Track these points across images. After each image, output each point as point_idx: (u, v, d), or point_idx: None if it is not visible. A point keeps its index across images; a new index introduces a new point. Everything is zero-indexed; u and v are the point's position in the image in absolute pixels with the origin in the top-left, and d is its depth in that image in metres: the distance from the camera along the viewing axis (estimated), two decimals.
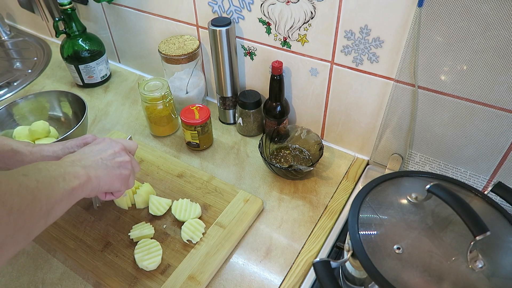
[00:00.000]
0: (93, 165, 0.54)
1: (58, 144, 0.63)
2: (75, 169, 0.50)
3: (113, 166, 0.57)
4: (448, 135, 0.68)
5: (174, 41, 0.88)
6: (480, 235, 0.43)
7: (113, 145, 0.60)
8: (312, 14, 0.69)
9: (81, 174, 0.50)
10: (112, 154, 0.58)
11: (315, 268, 0.48)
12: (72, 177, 0.49)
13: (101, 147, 0.59)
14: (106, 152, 0.58)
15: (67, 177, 0.48)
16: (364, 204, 0.52)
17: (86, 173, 0.51)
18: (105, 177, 0.55)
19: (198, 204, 0.71)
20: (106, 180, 0.55)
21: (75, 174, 0.49)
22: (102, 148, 0.59)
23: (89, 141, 0.64)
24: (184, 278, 0.61)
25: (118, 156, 0.59)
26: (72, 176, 0.49)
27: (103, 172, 0.55)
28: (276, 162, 0.80)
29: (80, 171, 0.51)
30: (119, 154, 0.59)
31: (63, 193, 0.47)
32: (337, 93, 0.77)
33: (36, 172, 0.45)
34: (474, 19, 0.54)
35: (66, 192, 0.47)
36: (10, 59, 1.24)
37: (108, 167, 0.56)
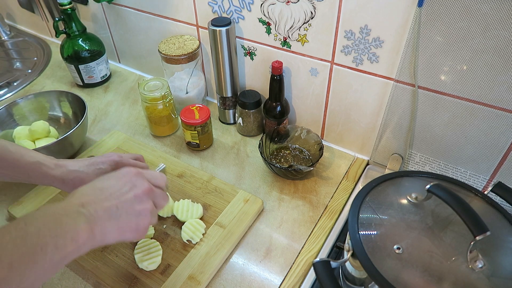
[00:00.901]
0: (104, 215, 0.45)
1: (84, 160, 0.60)
2: (76, 226, 0.42)
3: (128, 216, 0.47)
4: (448, 135, 0.68)
5: (174, 41, 0.88)
6: (480, 235, 0.43)
7: (137, 185, 0.50)
8: (312, 14, 0.69)
9: (82, 232, 0.42)
10: (132, 199, 0.48)
11: (315, 268, 0.48)
12: (69, 239, 0.41)
13: (121, 186, 0.49)
14: (126, 195, 0.48)
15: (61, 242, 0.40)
16: (364, 204, 0.52)
17: (89, 229, 0.43)
18: (115, 231, 0.46)
19: (199, 204, 0.71)
20: (115, 234, 0.46)
21: (73, 235, 0.41)
22: (123, 188, 0.49)
23: (115, 158, 0.60)
24: (184, 278, 0.61)
25: (138, 202, 0.49)
26: (68, 238, 0.41)
27: (113, 225, 0.46)
28: (276, 162, 0.80)
29: (83, 228, 0.42)
30: (140, 200, 0.49)
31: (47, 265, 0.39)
32: (337, 93, 0.77)
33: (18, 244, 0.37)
34: (474, 19, 0.54)
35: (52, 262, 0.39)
36: (10, 59, 1.24)
37: (122, 217, 0.47)
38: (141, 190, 0.50)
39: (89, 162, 0.60)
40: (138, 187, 0.50)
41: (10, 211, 0.72)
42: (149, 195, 0.51)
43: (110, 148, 0.84)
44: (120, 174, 0.51)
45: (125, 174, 0.51)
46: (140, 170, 0.53)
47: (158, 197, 0.53)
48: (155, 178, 0.54)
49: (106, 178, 0.51)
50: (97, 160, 0.60)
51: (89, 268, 0.63)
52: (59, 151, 0.78)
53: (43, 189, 0.75)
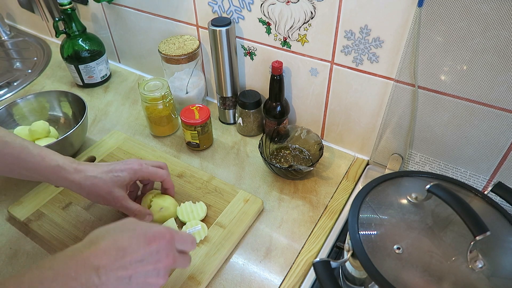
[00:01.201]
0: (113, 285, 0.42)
1: (103, 166, 0.60)
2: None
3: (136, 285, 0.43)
4: (448, 135, 0.68)
5: (174, 41, 0.88)
6: (480, 235, 0.43)
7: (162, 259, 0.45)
8: (312, 14, 0.69)
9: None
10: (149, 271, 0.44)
11: (315, 268, 0.48)
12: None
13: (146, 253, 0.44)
14: (146, 266, 0.44)
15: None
16: (364, 204, 0.52)
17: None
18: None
19: (202, 202, 0.70)
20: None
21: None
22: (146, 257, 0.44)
23: (135, 167, 0.61)
24: (184, 278, 0.61)
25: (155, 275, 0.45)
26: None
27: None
28: (276, 162, 0.80)
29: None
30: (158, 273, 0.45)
31: None
32: (337, 93, 0.77)
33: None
34: (474, 19, 0.54)
35: None
36: (10, 59, 1.24)
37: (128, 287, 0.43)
38: (163, 265, 0.45)
39: (108, 168, 0.60)
40: (162, 261, 0.45)
41: (10, 211, 0.72)
42: (169, 268, 0.47)
43: (110, 148, 0.84)
44: (151, 235, 0.45)
45: (157, 238, 0.45)
46: (174, 234, 0.48)
47: (179, 264, 0.49)
48: (185, 244, 0.50)
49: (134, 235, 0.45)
50: (116, 168, 0.61)
51: None
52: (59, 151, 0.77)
53: (43, 189, 0.75)
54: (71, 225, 0.69)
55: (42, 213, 0.71)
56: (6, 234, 0.70)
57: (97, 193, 0.60)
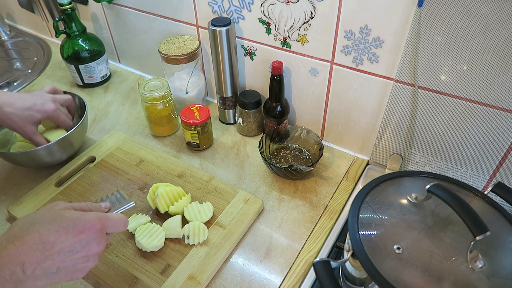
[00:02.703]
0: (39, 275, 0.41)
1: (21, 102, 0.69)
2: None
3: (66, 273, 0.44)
4: (448, 135, 0.68)
5: (174, 41, 0.88)
6: (480, 235, 0.43)
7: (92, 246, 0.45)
8: (312, 14, 0.69)
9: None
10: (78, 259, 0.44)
11: (315, 268, 0.48)
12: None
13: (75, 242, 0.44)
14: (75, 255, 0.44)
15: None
16: (364, 204, 0.52)
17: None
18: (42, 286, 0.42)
19: (209, 202, 0.71)
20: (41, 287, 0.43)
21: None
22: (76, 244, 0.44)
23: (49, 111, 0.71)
24: (184, 278, 0.61)
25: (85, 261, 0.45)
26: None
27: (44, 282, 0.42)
28: (276, 162, 0.80)
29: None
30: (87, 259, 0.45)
31: None
32: (337, 93, 0.77)
33: None
34: (474, 19, 0.54)
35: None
36: (10, 59, 1.24)
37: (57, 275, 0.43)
38: (93, 252, 0.46)
39: (25, 106, 0.69)
40: (92, 248, 0.45)
41: (10, 211, 0.72)
42: (99, 252, 0.47)
43: (110, 148, 0.84)
44: (81, 226, 0.45)
45: (87, 228, 0.45)
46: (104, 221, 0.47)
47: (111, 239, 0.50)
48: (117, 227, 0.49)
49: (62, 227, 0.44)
50: (33, 108, 0.70)
51: None
52: (59, 151, 0.77)
53: (43, 189, 0.75)
54: None
55: None
56: None
57: (11, 125, 0.70)
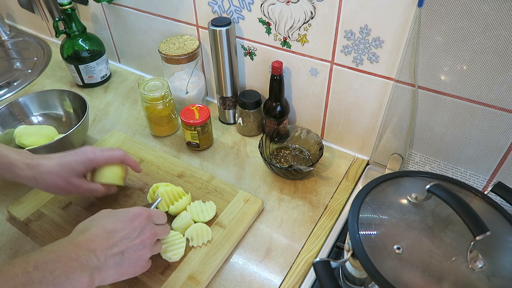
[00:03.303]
0: (110, 263, 0.48)
1: (57, 159, 0.60)
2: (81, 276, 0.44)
3: (130, 261, 0.50)
4: (448, 135, 0.68)
5: (174, 41, 0.88)
6: (480, 235, 0.43)
7: (145, 231, 0.53)
8: (312, 14, 0.69)
9: (84, 282, 0.44)
10: (138, 245, 0.51)
11: (315, 268, 0.48)
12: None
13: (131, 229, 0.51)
14: (134, 240, 0.51)
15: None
16: (364, 204, 0.52)
17: (90, 280, 0.45)
18: (113, 276, 0.49)
19: (211, 201, 0.71)
20: (112, 279, 0.49)
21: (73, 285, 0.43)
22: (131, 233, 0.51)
23: (90, 156, 0.61)
24: (184, 278, 0.61)
25: (142, 247, 0.52)
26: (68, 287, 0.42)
27: (114, 271, 0.49)
28: (276, 162, 0.80)
29: (84, 280, 0.44)
30: (144, 245, 0.52)
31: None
32: (337, 93, 0.77)
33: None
34: (474, 19, 0.54)
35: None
36: (10, 59, 1.24)
37: (123, 264, 0.49)
38: (148, 236, 0.53)
39: (62, 161, 0.61)
40: (145, 233, 0.53)
41: (10, 211, 0.72)
42: (153, 240, 0.54)
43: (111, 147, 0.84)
44: (131, 215, 0.53)
45: (136, 216, 0.53)
46: (149, 211, 0.56)
47: (161, 234, 0.57)
48: (159, 218, 0.58)
49: (117, 218, 0.52)
50: (70, 159, 0.61)
51: None
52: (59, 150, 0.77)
53: None
54: (71, 225, 0.69)
55: (42, 213, 0.71)
56: (6, 234, 0.70)
57: (55, 186, 0.61)
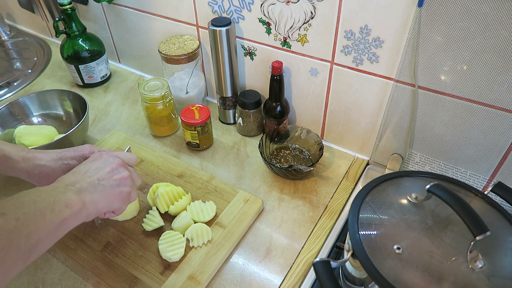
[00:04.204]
0: (89, 188, 0.51)
1: (53, 153, 0.60)
2: (67, 196, 0.47)
3: (111, 186, 0.54)
4: (448, 135, 0.68)
5: (174, 41, 0.88)
6: (480, 235, 0.43)
7: (110, 162, 0.56)
8: (312, 14, 0.69)
9: (74, 201, 0.47)
10: (109, 172, 0.55)
11: (315, 268, 0.48)
12: (63, 206, 0.46)
13: (97, 165, 0.55)
14: (103, 170, 0.55)
15: (57, 207, 0.45)
16: (364, 204, 0.52)
17: (80, 200, 0.49)
18: (103, 200, 0.52)
19: (211, 201, 0.71)
20: (103, 202, 0.52)
21: (66, 202, 0.46)
22: (99, 166, 0.55)
23: (86, 154, 0.61)
24: (184, 278, 0.61)
25: (116, 173, 0.56)
26: (63, 205, 0.46)
27: (100, 195, 0.52)
28: (276, 162, 0.80)
29: (73, 198, 0.48)
30: (117, 171, 0.56)
31: (50, 226, 0.43)
32: (337, 93, 0.77)
33: (18, 207, 0.42)
34: (474, 19, 0.54)
35: (54, 224, 0.44)
36: (10, 59, 1.24)
37: (105, 187, 0.53)
38: (115, 164, 0.57)
39: (57, 156, 0.60)
40: (112, 162, 0.57)
41: None
42: (123, 167, 0.57)
43: (111, 148, 0.84)
44: (93, 157, 0.58)
45: (98, 156, 0.58)
46: (121, 157, 0.59)
47: (133, 172, 0.59)
48: (125, 157, 0.61)
49: (83, 164, 0.56)
50: (66, 155, 0.61)
51: (89, 268, 0.63)
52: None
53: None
54: None
55: None
56: None
57: (47, 181, 0.59)
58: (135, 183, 0.59)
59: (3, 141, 0.61)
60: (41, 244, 0.43)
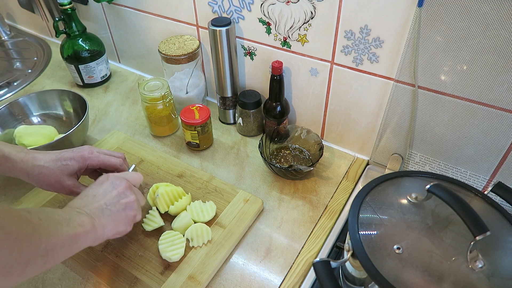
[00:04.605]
0: (97, 212, 0.52)
1: (52, 154, 0.61)
2: (80, 217, 0.49)
3: (118, 210, 0.55)
4: (448, 135, 0.68)
5: (174, 41, 0.88)
6: (480, 235, 0.43)
7: (116, 185, 0.57)
8: (312, 14, 0.69)
9: (86, 222, 0.49)
10: (116, 196, 0.56)
11: (315, 268, 0.48)
12: (77, 224, 0.47)
13: (104, 189, 0.56)
14: (110, 194, 0.55)
15: (72, 224, 0.47)
16: (364, 204, 0.52)
17: (90, 222, 0.50)
18: (110, 224, 0.53)
19: (211, 201, 0.71)
20: (111, 226, 0.53)
21: (79, 222, 0.48)
22: (106, 189, 0.56)
23: (84, 154, 0.62)
24: (184, 278, 0.61)
25: (122, 197, 0.56)
26: (76, 223, 0.48)
27: (107, 220, 0.53)
28: (276, 162, 0.80)
29: (85, 220, 0.49)
30: (124, 195, 0.57)
31: (65, 237, 0.45)
32: (337, 93, 0.77)
33: (40, 211, 0.44)
34: (474, 19, 0.54)
35: (68, 236, 0.45)
36: (10, 59, 1.24)
37: (112, 213, 0.54)
38: (122, 187, 0.57)
39: (56, 156, 0.60)
40: (119, 185, 0.57)
41: None
42: (130, 190, 0.58)
43: (111, 148, 0.84)
44: (100, 180, 0.58)
45: (105, 179, 0.58)
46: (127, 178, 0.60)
47: (138, 194, 0.60)
48: (131, 177, 0.61)
49: (90, 188, 0.57)
50: (65, 156, 0.61)
51: (89, 268, 0.63)
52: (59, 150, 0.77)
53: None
54: None
55: None
56: None
57: (46, 182, 0.60)
58: (140, 204, 0.60)
59: (2, 142, 0.61)
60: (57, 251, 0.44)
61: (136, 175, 0.63)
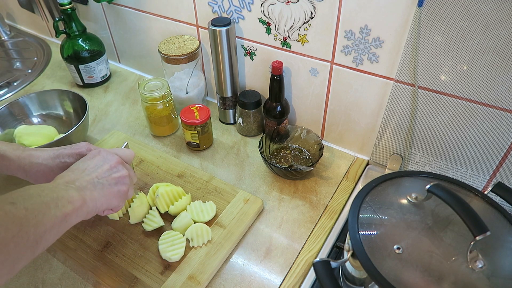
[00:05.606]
0: (89, 186, 0.52)
1: (49, 151, 0.60)
2: (69, 193, 0.48)
3: (109, 184, 0.54)
4: (448, 135, 0.68)
5: (174, 41, 0.88)
6: (480, 235, 0.43)
7: (108, 159, 0.57)
8: (312, 14, 0.69)
9: (76, 198, 0.48)
10: (108, 170, 0.55)
11: (315, 268, 0.48)
12: (66, 202, 0.47)
13: (96, 163, 0.55)
14: (101, 168, 0.55)
15: (60, 203, 0.46)
16: (364, 204, 0.52)
17: (81, 197, 0.49)
18: (102, 198, 0.53)
19: (211, 201, 0.71)
20: (103, 200, 0.53)
21: (69, 199, 0.47)
22: (97, 164, 0.55)
23: (82, 151, 0.61)
24: (184, 278, 0.61)
25: (114, 171, 0.56)
26: (65, 201, 0.47)
27: (99, 193, 0.52)
28: (276, 162, 0.80)
29: (75, 195, 0.48)
30: (116, 169, 0.56)
31: (54, 220, 0.44)
32: (337, 93, 0.77)
33: (26, 198, 0.43)
34: (474, 19, 0.54)
35: (58, 219, 0.45)
36: (10, 59, 1.24)
37: (104, 186, 0.53)
38: (114, 162, 0.57)
39: (54, 154, 0.59)
40: (110, 159, 0.57)
41: None
42: (122, 165, 0.58)
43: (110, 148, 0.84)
44: (92, 154, 0.57)
45: (96, 153, 0.57)
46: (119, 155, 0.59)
47: (130, 170, 0.59)
48: (123, 153, 0.61)
49: (81, 161, 0.56)
50: (63, 153, 0.60)
51: (89, 268, 0.63)
52: None
53: None
54: None
55: None
56: None
57: (44, 179, 0.59)
58: (132, 181, 0.59)
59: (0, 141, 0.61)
60: (47, 236, 0.44)
61: (128, 151, 0.62)
